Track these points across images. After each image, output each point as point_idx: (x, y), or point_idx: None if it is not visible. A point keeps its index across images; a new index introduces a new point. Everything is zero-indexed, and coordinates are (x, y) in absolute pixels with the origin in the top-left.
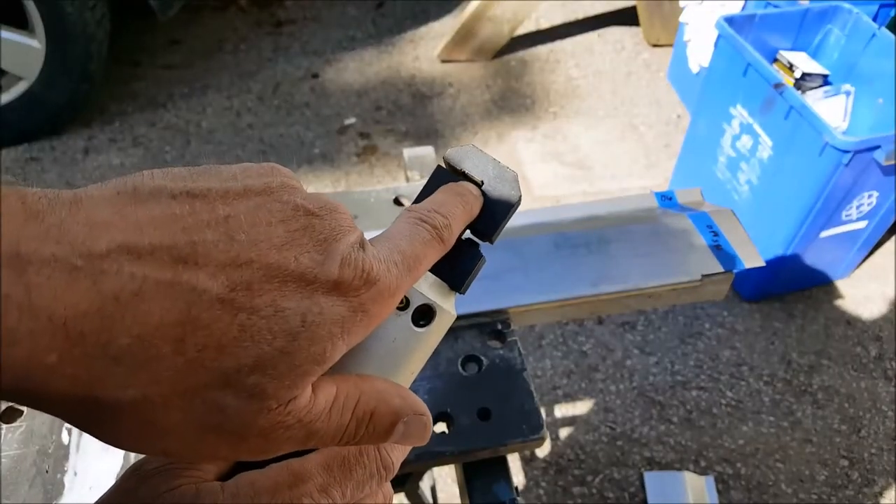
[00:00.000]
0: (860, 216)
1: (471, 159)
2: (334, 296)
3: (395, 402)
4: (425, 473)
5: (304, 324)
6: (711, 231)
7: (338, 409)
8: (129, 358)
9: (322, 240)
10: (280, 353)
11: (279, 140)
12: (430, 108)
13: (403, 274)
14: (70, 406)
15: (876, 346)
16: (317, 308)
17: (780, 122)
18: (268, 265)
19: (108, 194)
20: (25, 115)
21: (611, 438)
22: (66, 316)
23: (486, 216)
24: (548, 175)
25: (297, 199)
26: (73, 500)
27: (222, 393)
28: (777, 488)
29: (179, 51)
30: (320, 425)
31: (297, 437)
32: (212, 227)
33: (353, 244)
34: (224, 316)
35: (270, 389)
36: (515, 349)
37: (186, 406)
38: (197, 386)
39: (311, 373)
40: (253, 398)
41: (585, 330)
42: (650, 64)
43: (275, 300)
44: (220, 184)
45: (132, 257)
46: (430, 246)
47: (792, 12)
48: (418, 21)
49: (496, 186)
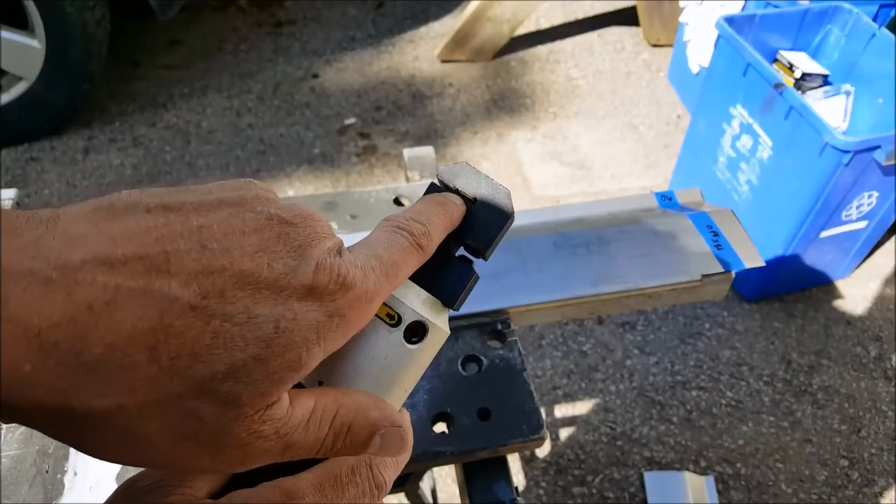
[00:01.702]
0: (860, 216)
1: (464, 176)
2: (309, 301)
3: (373, 414)
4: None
5: (278, 330)
6: (711, 231)
7: (315, 422)
8: (102, 366)
9: (296, 246)
10: (254, 359)
11: (279, 140)
12: (430, 108)
13: (381, 279)
14: (47, 416)
15: (876, 346)
16: (290, 314)
17: (780, 122)
18: (240, 272)
19: (86, 210)
20: (25, 115)
21: (611, 438)
22: (41, 326)
23: (480, 233)
24: (547, 175)
25: (272, 208)
26: (73, 500)
27: (198, 401)
28: (777, 488)
29: (179, 51)
30: (297, 437)
31: (275, 448)
32: (185, 237)
33: (329, 250)
34: (197, 323)
35: (245, 396)
36: (515, 349)
37: (162, 415)
38: (172, 394)
39: (286, 380)
40: (228, 405)
41: (585, 330)
42: (650, 64)
43: (248, 307)
44: (195, 197)
45: (105, 268)
46: (407, 252)
47: (792, 12)
48: (418, 21)
49: (489, 203)
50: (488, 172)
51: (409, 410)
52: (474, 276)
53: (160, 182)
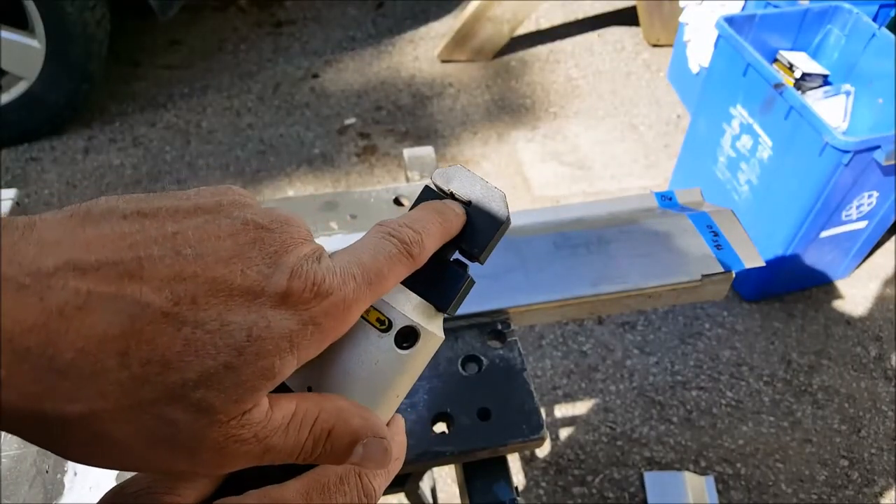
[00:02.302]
0: (860, 216)
1: (458, 179)
2: (282, 309)
3: (355, 422)
4: (425, 473)
5: (250, 338)
6: (711, 231)
7: (295, 426)
8: (74, 371)
9: (272, 252)
10: (225, 367)
11: (279, 140)
12: (430, 108)
13: (362, 287)
14: (22, 421)
15: (876, 346)
16: (264, 322)
17: (780, 122)
18: (213, 279)
19: (62, 217)
20: (25, 115)
21: (611, 438)
22: (13, 331)
23: (474, 236)
24: (547, 175)
25: (248, 214)
26: (73, 500)
27: (170, 407)
28: (777, 488)
29: (179, 51)
30: (277, 441)
31: (254, 451)
32: (159, 243)
33: (307, 256)
34: (168, 329)
35: (218, 404)
36: (515, 349)
37: (136, 420)
38: (144, 401)
39: (259, 388)
40: (201, 412)
41: (585, 330)
42: (650, 64)
43: (220, 314)
44: (171, 203)
45: (78, 273)
46: (395, 261)
47: (792, 12)
48: (418, 21)
49: (484, 206)
50: (488, 172)
51: (408, 410)
52: (469, 280)
53: (160, 182)
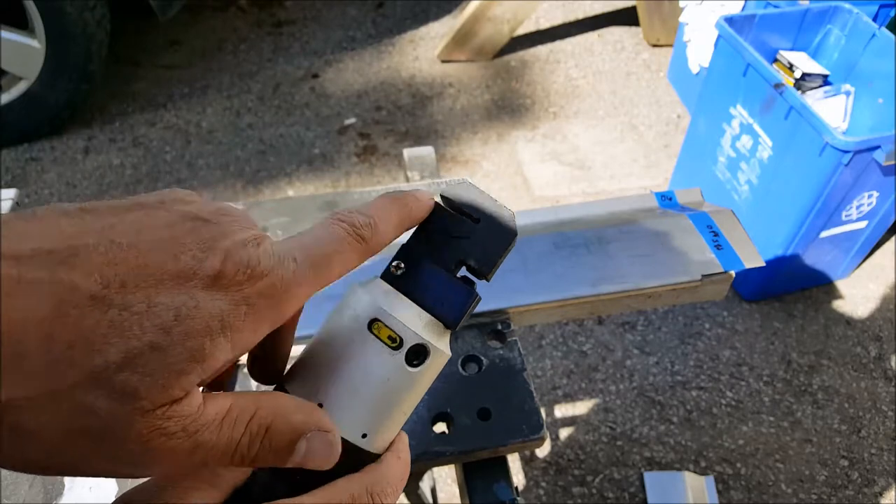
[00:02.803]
0: (860, 216)
1: (467, 196)
2: (214, 290)
3: (296, 417)
4: (425, 473)
5: (178, 318)
6: (711, 231)
7: (230, 422)
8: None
9: (207, 239)
10: (150, 347)
11: (279, 140)
12: (430, 109)
13: (304, 270)
14: None
15: (876, 346)
16: (192, 302)
17: (780, 122)
18: (144, 264)
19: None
20: (25, 115)
21: (611, 438)
22: None
23: (482, 254)
24: (547, 175)
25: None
26: (73, 500)
27: (92, 394)
28: (777, 488)
29: (179, 51)
30: (209, 436)
31: (183, 447)
32: (94, 234)
33: (244, 241)
34: (94, 312)
35: (142, 389)
36: (515, 349)
37: (54, 408)
38: (64, 386)
39: (187, 371)
40: (124, 397)
41: (585, 330)
42: (650, 64)
43: (148, 296)
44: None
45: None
46: (343, 243)
47: (792, 12)
48: (418, 21)
49: (492, 224)
50: (488, 172)
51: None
52: (476, 297)
53: (161, 182)
